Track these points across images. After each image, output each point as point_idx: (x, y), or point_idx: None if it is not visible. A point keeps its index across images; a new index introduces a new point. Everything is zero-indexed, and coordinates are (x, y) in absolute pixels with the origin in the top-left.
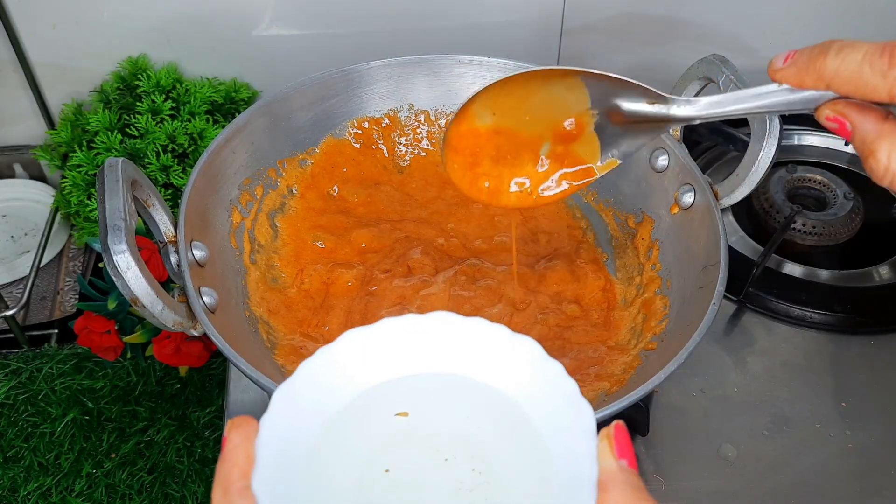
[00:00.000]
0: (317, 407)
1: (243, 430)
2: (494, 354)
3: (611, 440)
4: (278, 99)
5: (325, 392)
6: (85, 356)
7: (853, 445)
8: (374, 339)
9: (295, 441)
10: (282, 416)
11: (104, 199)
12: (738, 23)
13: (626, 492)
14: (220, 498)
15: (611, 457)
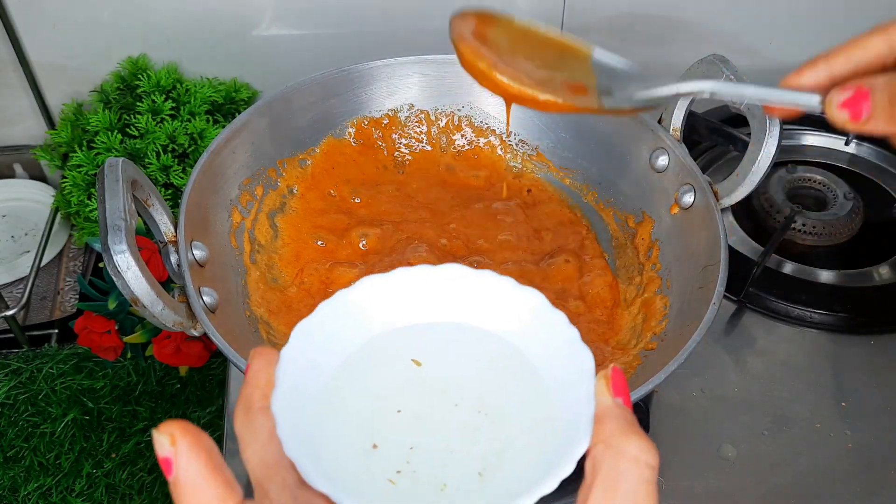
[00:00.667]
0: (333, 345)
1: (265, 357)
2: (502, 304)
3: (608, 380)
4: (278, 99)
5: (341, 332)
6: (85, 356)
7: (853, 445)
8: (390, 286)
9: (312, 373)
10: (300, 350)
11: (104, 199)
12: (739, 23)
13: (620, 424)
14: (241, 416)
15: (607, 394)
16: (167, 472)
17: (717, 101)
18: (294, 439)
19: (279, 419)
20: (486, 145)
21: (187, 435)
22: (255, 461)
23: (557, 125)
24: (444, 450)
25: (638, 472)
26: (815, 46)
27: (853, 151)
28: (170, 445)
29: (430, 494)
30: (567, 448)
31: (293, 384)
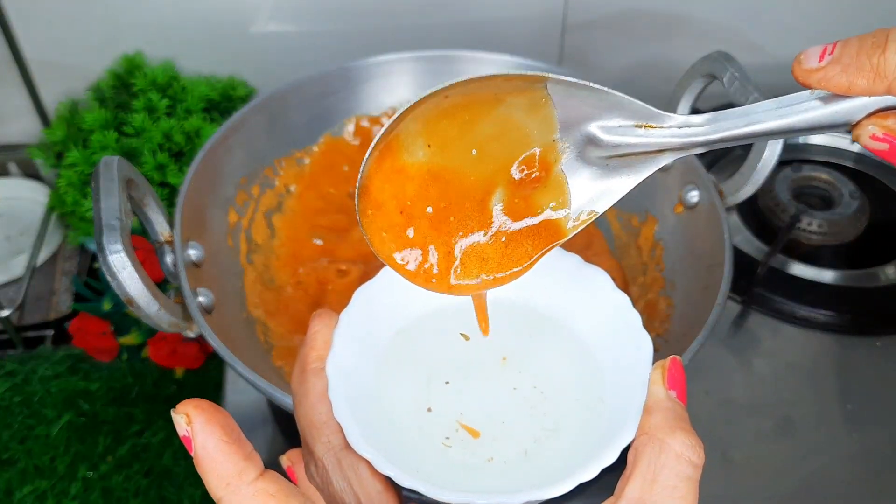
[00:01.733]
0: (392, 313)
1: (324, 319)
2: (564, 281)
3: (664, 370)
4: (275, 96)
5: (401, 301)
6: (80, 358)
7: (859, 448)
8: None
9: (369, 339)
10: (359, 315)
11: (99, 199)
12: (743, 19)
13: (668, 418)
14: (297, 375)
15: (661, 385)
16: (188, 448)
17: (721, 97)
18: (344, 403)
19: (332, 381)
20: None
21: (202, 413)
22: (304, 420)
23: None
24: (496, 423)
25: (680, 469)
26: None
27: (859, 150)
28: (186, 425)
29: (476, 466)
30: (612, 436)
31: (348, 347)
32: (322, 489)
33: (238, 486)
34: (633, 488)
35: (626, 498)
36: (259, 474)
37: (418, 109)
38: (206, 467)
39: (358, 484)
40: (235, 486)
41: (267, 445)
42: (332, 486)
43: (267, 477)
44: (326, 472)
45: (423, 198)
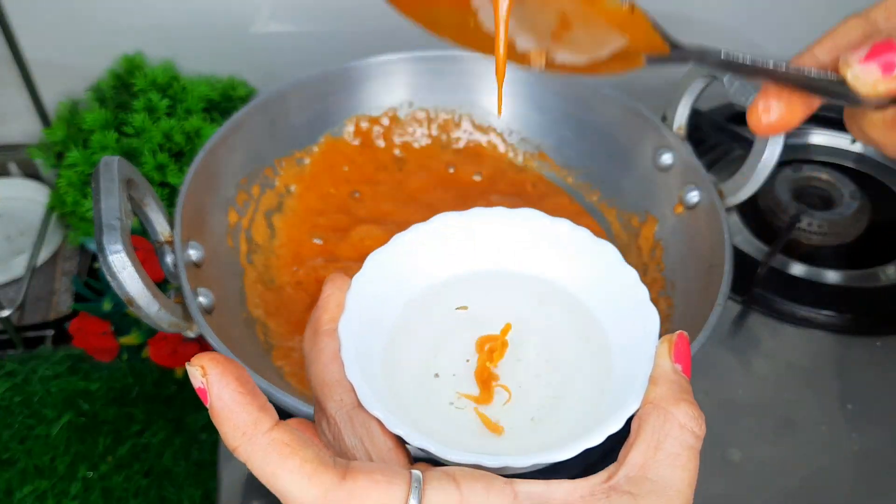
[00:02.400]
0: (402, 279)
1: (337, 283)
2: (574, 254)
3: (671, 344)
4: (275, 97)
5: (413, 266)
6: (80, 358)
7: (859, 448)
8: (465, 224)
9: (379, 302)
10: (371, 279)
11: (100, 199)
12: (743, 19)
13: (673, 389)
14: (309, 336)
15: (667, 358)
16: (204, 400)
17: (721, 97)
18: (356, 363)
19: (344, 342)
20: (487, 143)
21: (217, 365)
22: (317, 380)
23: (559, 123)
24: (503, 390)
25: (683, 438)
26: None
27: (860, 150)
28: (201, 377)
29: (483, 431)
30: (618, 405)
31: (361, 312)
32: (333, 446)
33: (254, 436)
34: (637, 454)
35: (629, 464)
36: (274, 424)
37: None
38: (221, 417)
39: (369, 441)
40: (251, 436)
41: None
42: (343, 443)
43: (281, 427)
44: (339, 428)
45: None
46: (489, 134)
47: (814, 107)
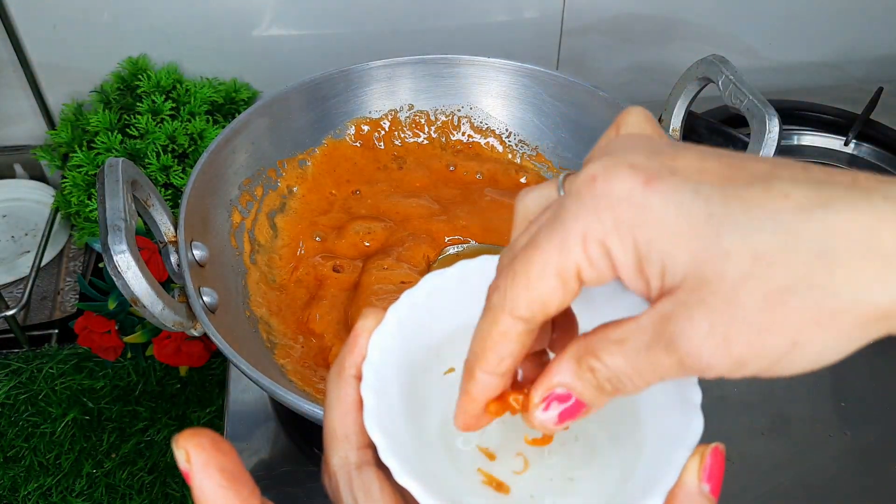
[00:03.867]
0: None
1: (368, 320)
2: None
3: (703, 460)
4: (278, 99)
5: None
6: (85, 356)
7: (853, 445)
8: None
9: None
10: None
11: (104, 200)
12: (738, 23)
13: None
14: (333, 377)
15: (695, 475)
16: (187, 481)
17: (716, 100)
18: (376, 415)
19: (366, 396)
20: (486, 145)
21: (202, 452)
22: (328, 428)
23: (557, 125)
24: (520, 454)
25: None
26: (813, 47)
27: (852, 152)
28: (185, 462)
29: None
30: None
31: (386, 356)
32: (332, 498)
33: None
34: None
35: None
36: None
37: None
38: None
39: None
40: None
41: (269, 443)
42: (340, 502)
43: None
44: (337, 487)
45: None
46: (488, 136)
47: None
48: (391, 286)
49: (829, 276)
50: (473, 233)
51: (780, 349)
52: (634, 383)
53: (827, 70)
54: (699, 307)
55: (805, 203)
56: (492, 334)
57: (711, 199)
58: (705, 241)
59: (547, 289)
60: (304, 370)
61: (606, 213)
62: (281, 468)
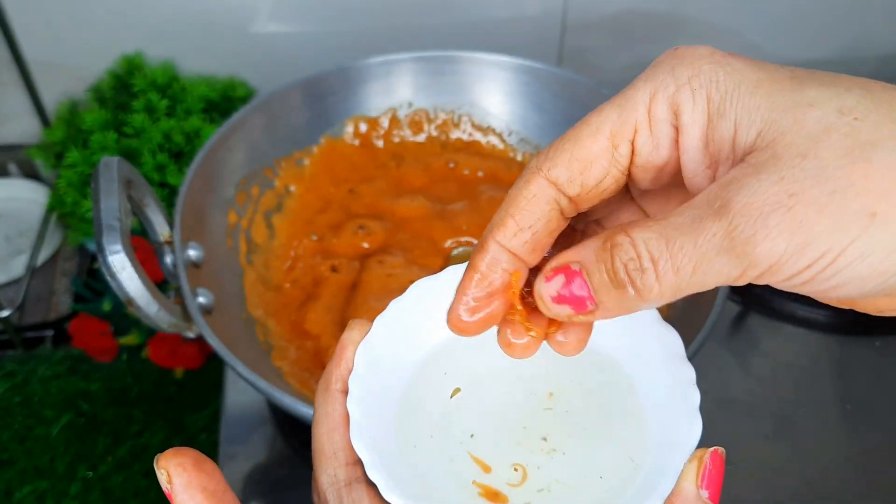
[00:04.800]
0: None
1: (354, 332)
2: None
3: (700, 464)
4: (275, 97)
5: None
6: (80, 358)
7: (858, 448)
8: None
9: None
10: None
11: (99, 199)
12: (742, 20)
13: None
14: (321, 392)
15: (693, 481)
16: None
17: None
18: (363, 431)
19: (352, 411)
20: (486, 143)
21: (183, 473)
22: (317, 445)
23: (559, 123)
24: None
25: None
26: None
27: None
28: (167, 483)
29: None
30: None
31: (374, 368)
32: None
33: None
34: None
35: None
36: None
37: None
38: None
39: None
40: None
41: (266, 445)
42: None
43: None
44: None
45: None
46: (488, 134)
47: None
48: (390, 286)
49: None
50: (473, 233)
51: (856, 222)
52: (661, 269)
53: (831, 68)
54: (770, 163)
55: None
56: (518, 197)
57: (796, 70)
58: (787, 93)
59: (595, 148)
60: (301, 372)
61: (683, 69)
62: (278, 472)
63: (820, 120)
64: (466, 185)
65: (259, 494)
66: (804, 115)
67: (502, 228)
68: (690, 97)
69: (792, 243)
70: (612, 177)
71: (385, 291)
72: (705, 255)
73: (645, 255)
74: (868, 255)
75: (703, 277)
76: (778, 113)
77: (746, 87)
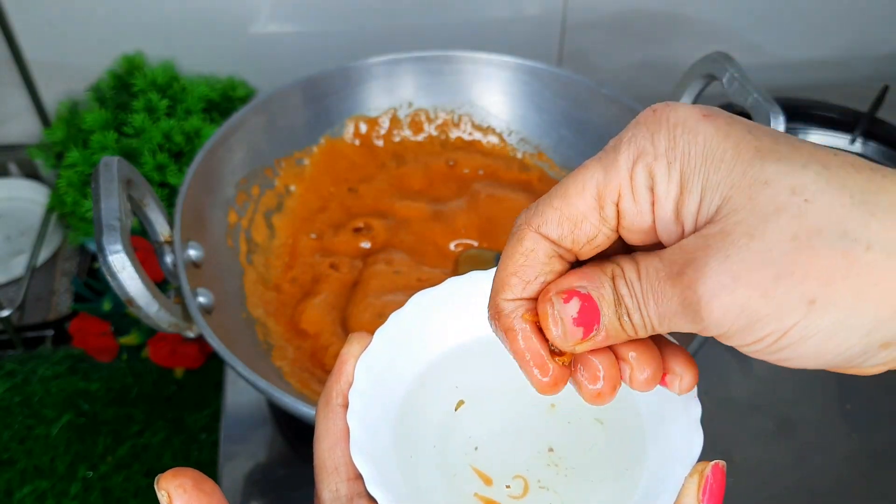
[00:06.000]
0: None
1: (353, 346)
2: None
3: (703, 478)
4: (275, 97)
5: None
6: (80, 358)
7: (858, 448)
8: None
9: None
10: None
11: (99, 199)
12: (743, 19)
13: None
14: (321, 406)
15: (694, 495)
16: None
17: (720, 97)
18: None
19: (352, 423)
20: (486, 143)
21: (183, 494)
22: (318, 460)
23: (559, 123)
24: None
25: None
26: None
27: (858, 150)
28: (167, 502)
29: None
30: None
31: (374, 381)
32: None
33: None
34: None
35: None
36: None
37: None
38: None
39: None
40: None
41: (266, 445)
42: None
43: None
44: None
45: None
46: (488, 134)
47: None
48: (395, 284)
49: (864, 226)
50: (472, 233)
51: (797, 309)
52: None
53: (832, 67)
54: (721, 239)
55: (856, 163)
56: (515, 255)
57: (762, 138)
58: (747, 168)
59: (582, 206)
60: (301, 372)
61: (661, 138)
62: (278, 472)
63: (772, 199)
64: (466, 185)
65: (259, 494)
66: (758, 193)
67: (508, 289)
68: (666, 170)
69: (736, 323)
70: (604, 234)
71: (386, 290)
72: (665, 314)
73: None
74: (809, 338)
75: (671, 327)
76: (735, 190)
77: (712, 162)
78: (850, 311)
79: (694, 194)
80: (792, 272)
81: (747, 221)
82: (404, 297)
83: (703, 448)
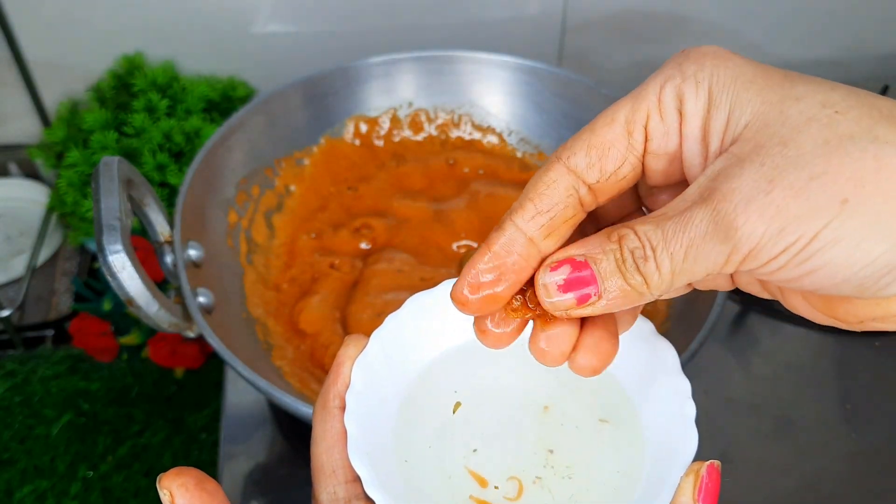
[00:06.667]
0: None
1: (350, 348)
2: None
3: (697, 479)
4: (275, 97)
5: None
6: (80, 358)
7: (858, 448)
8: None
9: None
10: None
11: (99, 199)
12: (742, 19)
13: None
14: (318, 410)
15: (690, 495)
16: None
17: None
18: (361, 447)
19: (349, 425)
20: (486, 143)
21: (186, 493)
22: (316, 463)
23: (559, 123)
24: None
25: None
26: (817, 44)
27: None
28: (169, 503)
29: None
30: None
31: (371, 383)
32: None
33: None
34: None
35: None
36: None
37: None
38: None
39: None
40: None
41: (266, 445)
42: None
43: None
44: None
45: None
46: (488, 134)
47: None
48: (391, 284)
49: (894, 133)
50: (472, 233)
51: (829, 207)
52: (659, 257)
53: (831, 67)
54: (753, 152)
55: (881, 96)
56: (538, 183)
57: (791, 73)
58: (778, 88)
59: (611, 135)
60: (301, 372)
61: (690, 64)
62: (278, 471)
63: (803, 112)
64: (466, 184)
65: (259, 494)
66: (789, 107)
67: (521, 211)
68: (694, 88)
69: (770, 227)
70: (630, 163)
71: (386, 289)
72: (694, 241)
73: (647, 243)
74: (839, 241)
75: (694, 264)
76: (766, 106)
77: (742, 83)
78: (880, 212)
79: (721, 111)
80: (825, 171)
81: (780, 133)
82: (405, 295)
83: (702, 448)
